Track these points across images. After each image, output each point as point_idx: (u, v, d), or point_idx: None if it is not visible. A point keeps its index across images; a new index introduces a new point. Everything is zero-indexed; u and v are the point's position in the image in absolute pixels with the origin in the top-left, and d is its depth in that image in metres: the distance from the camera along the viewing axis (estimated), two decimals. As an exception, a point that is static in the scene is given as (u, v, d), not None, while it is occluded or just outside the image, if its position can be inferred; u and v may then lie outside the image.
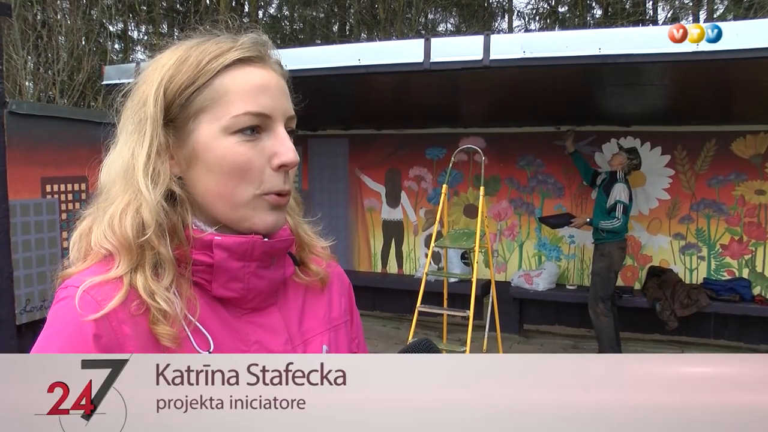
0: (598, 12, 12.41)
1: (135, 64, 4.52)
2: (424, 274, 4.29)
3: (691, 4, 11.25)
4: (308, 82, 3.67)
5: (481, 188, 4.28)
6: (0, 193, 2.87)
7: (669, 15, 11.67)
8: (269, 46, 0.74)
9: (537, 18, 12.84)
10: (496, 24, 13.20)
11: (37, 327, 3.46)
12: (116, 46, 12.07)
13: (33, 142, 3.54)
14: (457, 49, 3.42)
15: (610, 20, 11.35)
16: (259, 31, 0.75)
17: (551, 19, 12.62)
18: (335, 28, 13.35)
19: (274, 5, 14.13)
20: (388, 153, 6.21)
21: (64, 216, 3.75)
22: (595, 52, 3.13)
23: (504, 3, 13.20)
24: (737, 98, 4.46)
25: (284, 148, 0.70)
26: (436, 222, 4.40)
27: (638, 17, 11.30)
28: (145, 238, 0.65)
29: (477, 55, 3.32)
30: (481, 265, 5.25)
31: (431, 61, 3.42)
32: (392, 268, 6.31)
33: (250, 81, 0.69)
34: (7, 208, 2.92)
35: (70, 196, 3.80)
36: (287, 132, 0.72)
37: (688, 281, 5.27)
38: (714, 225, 5.26)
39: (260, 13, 13.60)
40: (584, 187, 5.47)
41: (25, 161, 3.48)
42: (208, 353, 0.67)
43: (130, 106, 0.71)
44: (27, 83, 9.29)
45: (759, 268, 5.16)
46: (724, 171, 5.18)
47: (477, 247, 4.16)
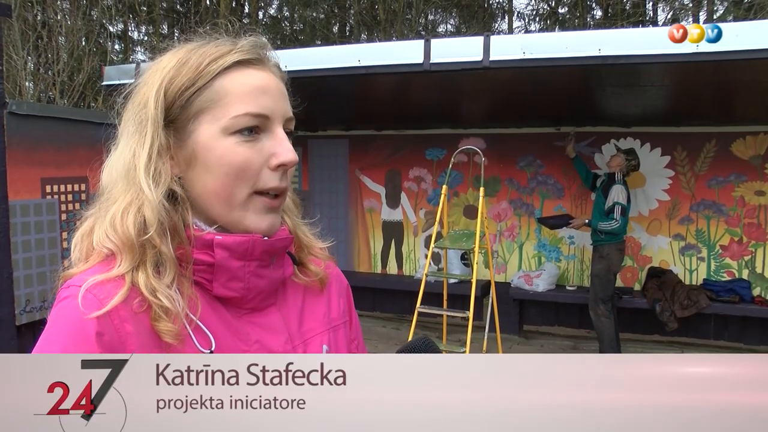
0: (598, 13, 12.41)
1: (135, 65, 4.51)
2: (424, 275, 4.29)
3: (690, 5, 11.26)
4: (308, 83, 3.68)
5: (481, 189, 4.28)
6: (0, 194, 2.87)
7: (669, 16, 11.68)
8: (268, 49, 0.75)
9: (537, 19, 12.85)
10: (496, 25, 13.21)
11: (37, 327, 3.46)
12: (116, 47, 12.08)
13: (33, 142, 3.54)
14: (457, 49, 3.42)
15: (610, 21, 11.35)
16: (258, 34, 0.75)
17: (551, 20, 12.62)
18: (335, 29, 13.35)
19: (274, 6, 14.15)
20: (388, 154, 6.22)
21: (64, 216, 3.75)
22: (595, 53, 3.13)
23: (504, 4, 13.21)
24: (737, 99, 4.46)
25: (283, 148, 0.70)
26: (436, 223, 4.40)
27: (638, 18, 11.30)
28: (147, 236, 0.66)
29: (477, 55, 3.32)
30: (481, 266, 5.24)
31: (431, 61, 3.42)
32: (392, 268, 6.31)
33: (250, 83, 0.70)
34: (7, 209, 2.92)
35: (70, 197, 3.79)
36: (286, 133, 0.73)
37: (687, 282, 5.27)
38: (714, 226, 5.26)
39: (260, 14, 13.61)
40: (584, 187, 5.47)
41: (25, 161, 3.48)
42: (209, 352, 0.67)
43: (130, 107, 0.72)
44: (27, 84, 9.29)
45: (759, 269, 5.16)
46: (723, 172, 5.18)
47: (477, 248, 4.16)
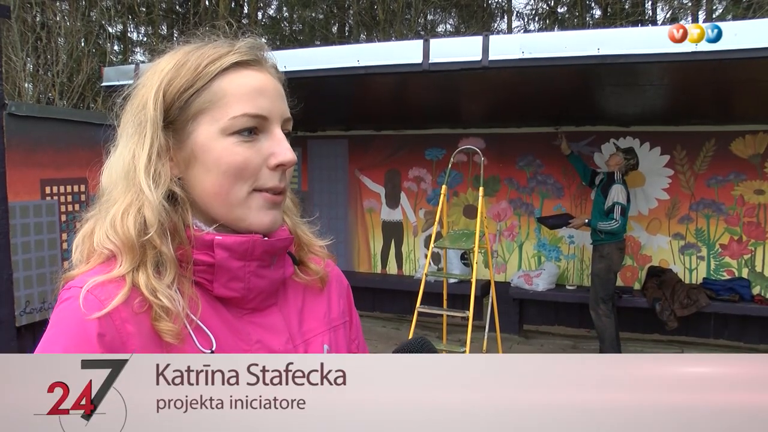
0: (597, 12, 12.41)
1: (134, 66, 4.51)
2: (424, 275, 4.29)
3: (690, 4, 11.26)
4: (308, 83, 3.68)
5: (481, 189, 4.28)
6: (0, 195, 2.87)
7: (668, 15, 11.67)
8: (266, 50, 0.75)
9: (536, 18, 12.85)
10: (495, 25, 13.20)
11: (37, 328, 3.46)
12: (115, 48, 12.08)
13: (32, 143, 3.53)
14: (456, 49, 3.42)
15: (609, 20, 11.35)
16: (256, 36, 0.75)
17: (550, 20, 12.62)
18: (334, 29, 13.35)
19: (273, 6, 14.14)
20: (387, 154, 6.21)
21: (64, 218, 3.74)
22: (594, 53, 3.13)
23: (503, 4, 13.21)
24: (736, 98, 4.46)
25: (281, 148, 0.71)
26: (436, 222, 4.40)
27: (637, 17, 11.30)
28: (147, 237, 0.66)
29: (476, 55, 3.33)
30: (481, 266, 5.24)
31: (430, 61, 3.42)
32: (392, 268, 6.31)
33: (248, 84, 0.70)
34: (6, 210, 2.92)
35: (69, 198, 3.79)
36: (284, 134, 0.73)
37: (687, 281, 5.27)
38: (713, 225, 5.26)
39: (260, 15, 13.61)
40: (583, 187, 5.47)
41: (25, 163, 3.48)
42: (210, 352, 0.67)
43: (129, 109, 0.72)
44: (26, 85, 9.29)
45: (758, 268, 5.16)
46: (723, 171, 5.18)
47: (476, 248, 4.16)
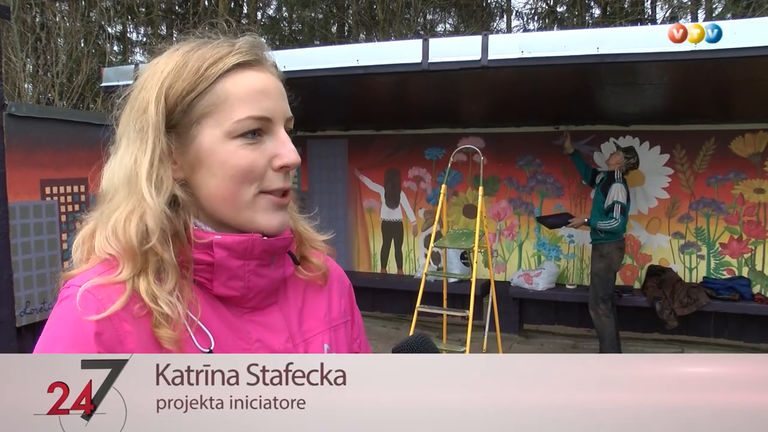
0: (597, 11, 12.41)
1: (134, 66, 4.51)
2: (424, 275, 4.29)
3: (689, 3, 11.25)
4: (307, 83, 3.68)
5: (480, 188, 4.28)
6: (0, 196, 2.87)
7: (667, 14, 11.67)
8: (265, 49, 0.75)
9: (535, 18, 12.84)
10: (495, 24, 13.20)
11: (37, 329, 3.46)
12: (115, 48, 12.07)
13: (32, 144, 3.53)
14: (456, 49, 3.42)
15: (608, 20, 11.35)
16: (255, 34, 0.75)
17: (550, 19, 12.61)
18: (334, 29, 13.34)
19: (272, 6, 14.13)
20: (387, 153, 6.21)
21: (64, 218, 3.74)
22: (594, 52, 3.13)
23: (502, 3, 13.20)
24: (736, 97, 4.46)
25: (286, 149, 0.71)
26: (435, 222, 4.40)
27: (637, 17, 11.29)
28: (149, 245, 0.66)
29: (475, 55, 3.32)
30: (481, 265, 5.24)
31: (429, 61, 3.42)
32: (392, 268, 6.31)
33: (251, 85, 0.70)
34: (6, 210, 2.92)
35: (69, 198, 3.79)
36: (288, 131, 0.73)
37: (687, 280, 5.27)
38: (713, 224, 5.26)
39: (259, 15, 13.60)
40: (583, 186, 5.47)
41: (25, 163, 3.47)
42: (208, 351, 0.67)
43: (130, 112, 0.71)
44: (26, 85, 9.29)
45: (758, 267, 5.16)
46: (723, 170, 5.18)
47: (476, 247, 4.16)
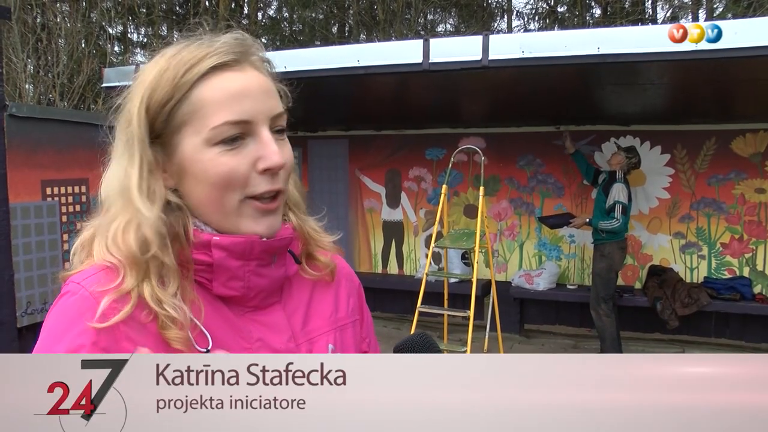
0: (597, 11, 12.41)
1: (134, 67, 4.52)
2: (425, 275, 4.29)
3: (690, 3, 11.25)
4: (308, 84, 3.65)
5: (481, 188, 4.28)
6: (0, 196, 2.87)
7: (668, 14, 11.67)
8: (249, 46, 0.72)
9: (536, 18, 12.85)
10: (495, 24, 13.20)
11: (39, 329, 3.46)
12: (116, 49, 12.08)
13: (33, 144, 3.54)
14: (456, 49, 3.42)
15: (609, 20, 11.34)
16: (237, 31, 0.73)
17: (550, 19, 12.62)
18: (334, 30, 13.35)
19: (273, 7, 14.14)
20: (387, 154, 6.21)
21: (65, 218, 3.75)
22: (594, 52, 3.13)
23: (503, 3, 13.20)
24: (737, 97, 4.46)
25: (268, 151, 0.68)
26: (436, 222, 4.40)
27: (637, 16, 11.30)
28: (151, 253, 0.66)
29: (476, 55, 3.32)
30: (482, 266, 5.24)
31: (430, 61, 3.42)
32: (392, 268, 6.31)
33: (227, 88, 0.68)
34: (7, 211, 2.92)
35: (70, 199, 3.79)
36: (278, 130, 0.71)
37: (688, 280, 5.27)
38: (714, 224, 5.26)
39: (260, 15, 13.61)
40: (584, 186, 5.47)
41: (26, 164, 3.48)
42: (206, 351, 0.67)
43: (119, 123, 0.72)
44: (27, 86, 9.30)
45: (759, 267, 5.16)
46: (723, 170, 5.17)
47: (477, 248, 4.16)
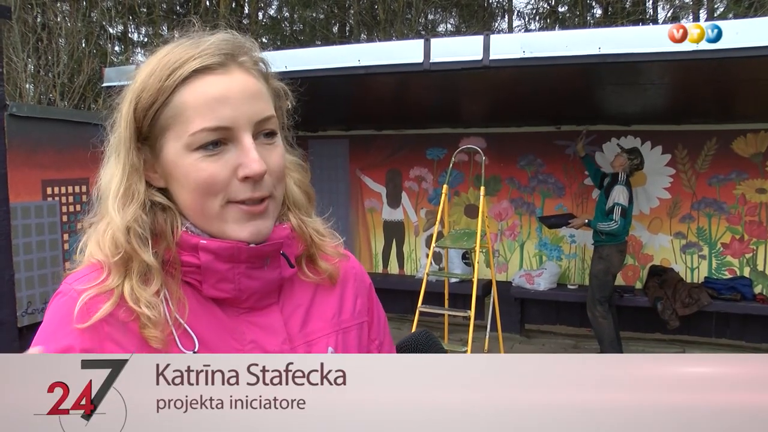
0: (598, 11, 12.41)
1: (135, 66, 4.52)
2: (425, 275, 4.29)
3: (691, 3, 11.24)
4: (308, 83, 3.66)
5: (482, 188, 4.28)
6: (1, 196, 2.87)
7: (669, 14, 11.66)
8: (239, 46, 0.71)
9: (537, 18, 12.85)
10: (496, 24, 13.20)
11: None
12: (116, 48, 12.08)
13: (33, 144, 3.54)
14: (457, 49, 3.42)
15: (610, 20, 11.34)
16: (228, 30, 0.72)
17: (551, 19, 12.62)
18: (335, 29, 13.35)
19: (274, 6, 14.14)
20: (388, 153, 6.21)
21: (65, 218, 3.75)
22: (595, 52, 3.13)
23: (504, 3, 13.20)
24: (738, 97, 4.46)
25: (248, 159, 0.67)
26: (437, 222, 4.40)
27: (638, 16, 11.29)
28: (119, 257, 0.67)
29: (477, 55, 3.32)
30: (482, 265, 5.24)
31: (431, 61, 3.42)
32: (393, 268, 6.31)
33: (207, 93, 0.67)
34: (8, 211, 2.92)
35: (71, 198, 3.80)
36: (267, 133, 0.70)
37: (689, 280, 5.27)
38: (715, 224, 5.25)
39: (260, 15, 13.61)
40: (585, 186, 5.46)
41: (26, 164, 3.48)
42: (192, 353, 0.67)
43: (112, 124, 0.73)
44: (27, 86, 9.30)
45: (760, 267, 5.15)
46: (724, 170, 5.17)
47: (478, 247, 4.16)
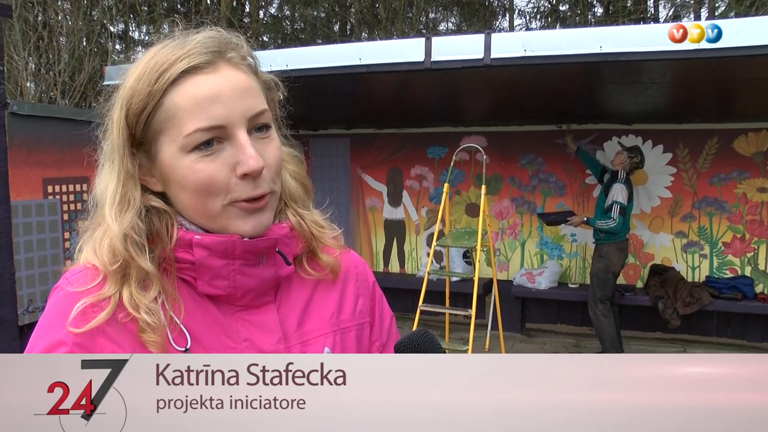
0: (599, 10, 12.39)
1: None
2: (426, 273, 4.29)
3: (692, 2, 11.22)
4: (309, 82, 3.67)
5: (483, 187, 4.28)
6: (1, 194, 2.87)
7: (670, 13, 11.65)
8: (226, 42, 0.70)
9: (538, 16, 12.84)
10: (497, 23, 13.20)
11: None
12: (117, 47, 12.08)
13: (34, 142, 3.54)
14: (458, 47, 3.41)
15: (611, 18, 11.32)
16: (213, 28, 0.72)
17: (552, 18, 12.61)
18: (336, 28, 13.35)
19: (275, 5, 14.13)
20: (389, 152, 6.21)
21: (66, 216, 3.75)
22: (596, 50, 3.12)
23: (505, 2, 13.19)
24: (739, 96, 4.45)
25: (245, 156, 0.66)
26: (438, 221, 4.40)
27: (639, 15, 11.28)
28: (118, 265, 0.66)
29: (478, 53, 3.32)
30: (483, 264, 5.24)
31: (432, 60, 3.42)
32: (394, 267, 6.31)
33: (197, 93, 0.66)
34: (8, 209, 2.92)
35: (71, 197, 3.80)
36: (260, 127, 0.70)
37: (690, 279, 5.26)
38: (716, 223, 5.25)
39: (261, 13, 13.60)
40: (586, 185, 5.46)
41: (27, 162, 3.49)
42: (185, 350, 0.67)
43: (105, 129, 0.73)
44: (28, 84, 9.30)
45: (761, 266, 5.15)
46: (725, 169, 5.16)
47: (479, 246, 4.16)
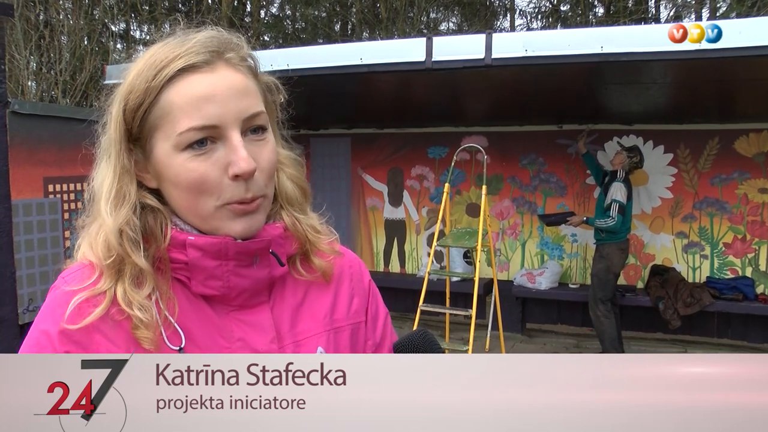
0: (600, 10, 12.39)
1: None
2: (427, 273, 4.29)
3: (693, 2, 11.22)
4: (310, 82, 3.68)
5: (484, 187, 4.27)
6: (2, 193, 2.87)
7: (671, 13, 11.64)
8: (225, 43, 0.71)
9: (539, 16, 12.84)
10: (498, 23, 13.21)
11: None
12: (118, 46, 12.08)
13: (35, 141, 3.55)
14: (459, 47, 3.41)
15: (612, 18, 11.32)
16: (213, 28, 0.72)
17: (553, 18, 12.61)
18: (337, 28, 13.35)
19: (276, 4, 14.13)
20: (390, 152, 6.21)
21: (67, 215, 3.76)
22: (598, 51, 3.12)
23: (506, 2, 13.19)
24: (740, 96, 4.45)
25: (237, 157, 0.66)
26: (439, 221, 4.40)
27: (640, 15, 11.27)
28: (112, 259, 0.67)
29: (479, 53, 3.32)
30: (484, 264, 5.24)
31: (433, 60, 3.41)
32: (395, 267, 6.30)
33: (193, 92, 0.66)
34: (9, 208, 2.92)
35: (72, 196, 3.80)
36: (255, 129, 0.70)
37: (691, 280, 5.26)
38: (717, 223, 5.24)
39: (262, 13, 13.60)
40: (586, 185, 5.46)
41: (28, 161, 3.49)
42: (179, 349, 0.67)
43: (104, 126, 0.73)
44: (29, 83, 9.30)
45: (762, 267, 5.14)
46: (727, 169, 5.16)
47: (479, 246, 4.16)
